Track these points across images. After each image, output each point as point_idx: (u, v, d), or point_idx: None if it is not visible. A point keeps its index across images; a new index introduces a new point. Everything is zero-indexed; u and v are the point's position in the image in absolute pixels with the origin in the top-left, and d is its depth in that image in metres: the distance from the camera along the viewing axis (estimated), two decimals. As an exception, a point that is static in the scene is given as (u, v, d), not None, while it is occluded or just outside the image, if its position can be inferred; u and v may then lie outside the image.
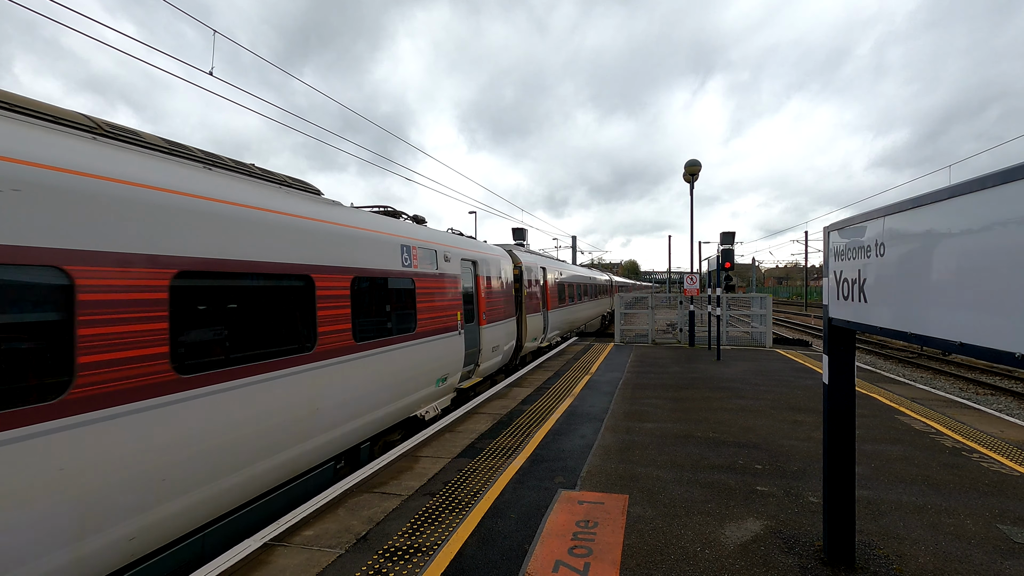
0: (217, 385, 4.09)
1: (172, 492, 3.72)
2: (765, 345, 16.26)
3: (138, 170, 3.76)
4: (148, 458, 3.54)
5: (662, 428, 6.99)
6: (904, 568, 3.54)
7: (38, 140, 3.22)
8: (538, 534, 4.05)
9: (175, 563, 3.88)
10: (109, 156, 3.64)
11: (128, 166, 3.71)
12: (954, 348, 2.24)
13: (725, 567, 3.56)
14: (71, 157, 3.32)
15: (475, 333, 10.03)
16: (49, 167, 3.14)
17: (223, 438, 4.14)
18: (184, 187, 4.06)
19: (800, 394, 9.17)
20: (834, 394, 3.54)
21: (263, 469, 4.58)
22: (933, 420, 7.34)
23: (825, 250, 3.75)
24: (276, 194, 5.25)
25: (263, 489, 4.66)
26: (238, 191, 4.66)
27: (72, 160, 3.31)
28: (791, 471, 5.35)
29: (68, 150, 3.35)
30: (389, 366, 6.63)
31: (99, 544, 3.27)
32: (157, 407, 3.61)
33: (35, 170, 3.06)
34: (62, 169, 3.21)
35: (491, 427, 7.15)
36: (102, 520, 3.28)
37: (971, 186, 2.18)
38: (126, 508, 3.42)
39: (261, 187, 5.16)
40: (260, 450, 4.52)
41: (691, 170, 16.29)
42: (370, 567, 3.62)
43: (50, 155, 3.19)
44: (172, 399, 3.72)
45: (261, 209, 4.78)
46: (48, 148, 3.22)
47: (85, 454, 3.16)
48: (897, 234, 2.76)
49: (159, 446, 3.61)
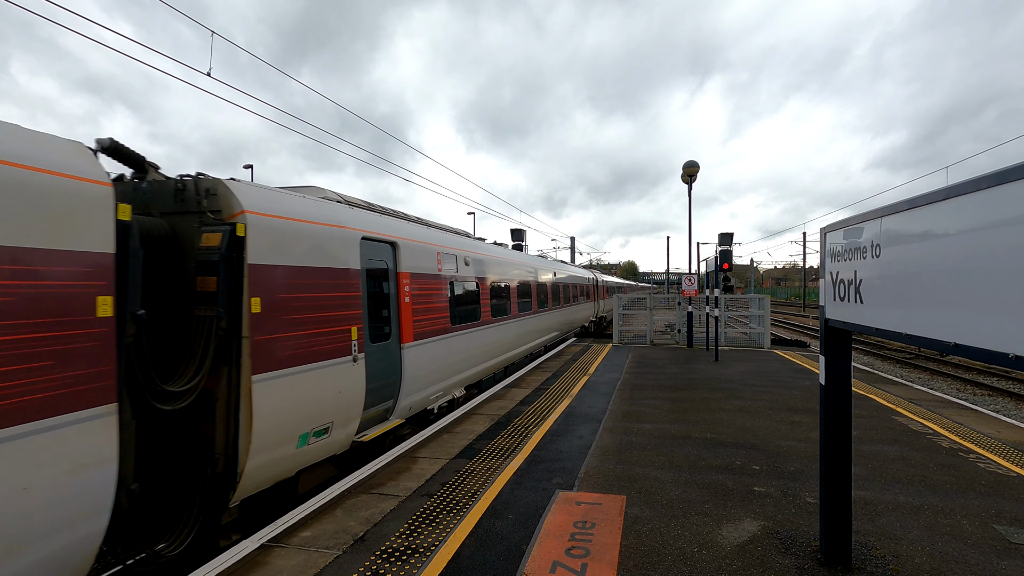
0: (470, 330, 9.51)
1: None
2: (763, 346, 16.29)
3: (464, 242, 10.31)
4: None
5: (660, 429, 7.00)
6: (901, 568, 3.55)
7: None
8: (535, 535, 4.05)
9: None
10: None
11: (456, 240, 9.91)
12: (949, 349, 2.25)
13: (722, 568, 3.57)
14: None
15: None
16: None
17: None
18: (470, 246, 10.44)
19: (798, 395, 9.19)
20: (831, 395, 3.55)
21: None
22: (930, 421, 7.36)
23: (822, 251, 3.76)
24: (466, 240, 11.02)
25: None
26: (475, 246, 10.97)
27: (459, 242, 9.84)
28: (788, 472, 5.36)
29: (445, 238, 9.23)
30: None
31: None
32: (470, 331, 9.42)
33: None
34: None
35: (489, 428, 7.15)
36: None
37: (966, 187, 2.19)
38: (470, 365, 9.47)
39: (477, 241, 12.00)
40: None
41: (689, 171, 16.31)
42: (367, 568, 3.61)
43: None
44: (457, 334, 8.93)
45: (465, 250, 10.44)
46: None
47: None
48: (893, 235, 2.77)
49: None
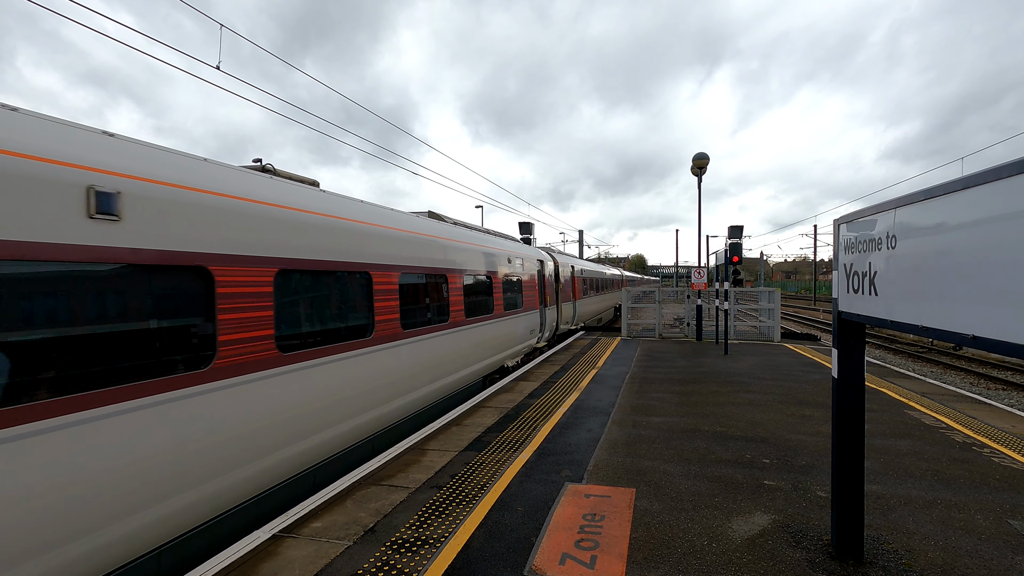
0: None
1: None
2: (773, 339, 16.17)
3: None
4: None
5: (669, 422, 6.98)
6: (913, 562, 3.52)
7: None
8: (545, 527, 4.06)
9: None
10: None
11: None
12: (966, 341, 2.21)
13: (732, 561, 3.56)
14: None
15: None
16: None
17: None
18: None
19: (808, 388, 9.12)
20: (843, 388, 3.52)
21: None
22: (943, 415, 7.28)
23: (835, 243, 3.72)
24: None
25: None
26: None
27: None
28: (799, 465, 5.33)
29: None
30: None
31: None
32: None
33: None
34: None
35: (497, 421, 7.17)
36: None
37: (985, 177, 2.14)
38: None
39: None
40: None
41: (699, 163, 16.17)
42: (378, 559, 3.64)
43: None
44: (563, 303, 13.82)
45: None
46: None
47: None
48: (908, 226, 2.73)
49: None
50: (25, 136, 3.13)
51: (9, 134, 3.05)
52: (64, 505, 3.10)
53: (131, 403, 3.49)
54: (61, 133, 3.38)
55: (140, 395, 3.55)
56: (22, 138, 3.10)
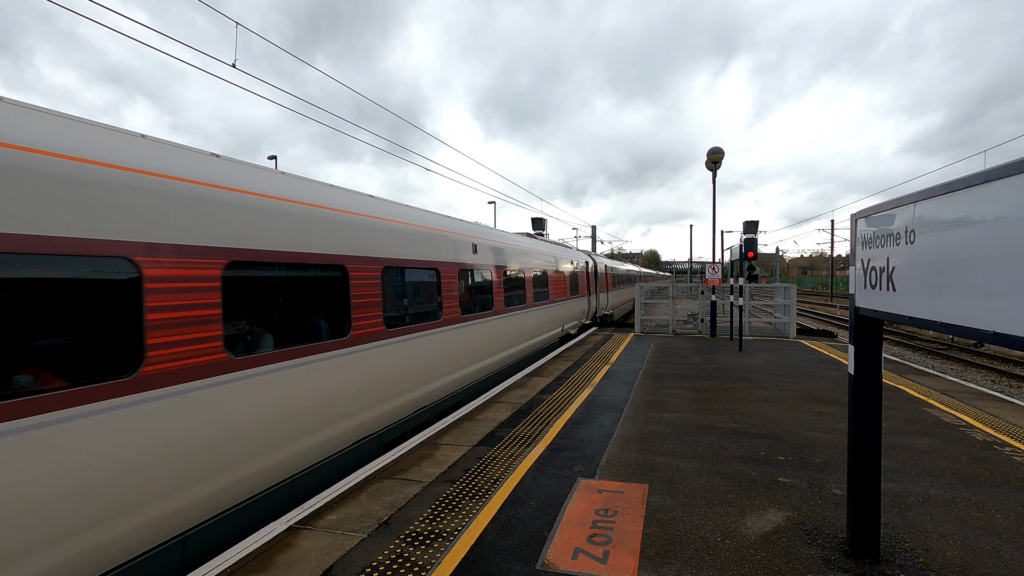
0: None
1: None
2: (789, 336, 15.99)
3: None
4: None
5: (682, 418, 6.95)
6: (931, 562, 3.48)
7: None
8: (557, 522, 4.08)
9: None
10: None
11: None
12: (987, 338, 2.18)
13: (746, 557, 3.55)
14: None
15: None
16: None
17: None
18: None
19: (824, 385, 9.01)
20: (860, 385, 3.47)
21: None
22: (963, 413, 7.15)
23: (852, 238, 3.67)
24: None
25: None
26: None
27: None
28: (814, 463, 5.28)
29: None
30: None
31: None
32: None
33: None
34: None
35: (510, 416, 7.19)
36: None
37: (1008, 170, 2.10)
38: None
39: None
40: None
41: (714, 158, 16.00)
42: (392, 551, 3.69)
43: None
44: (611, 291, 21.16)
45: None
46: None
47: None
48: (928, 221, 2.68)
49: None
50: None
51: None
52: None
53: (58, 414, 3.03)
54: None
55: (54, 411, 3.01)
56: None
